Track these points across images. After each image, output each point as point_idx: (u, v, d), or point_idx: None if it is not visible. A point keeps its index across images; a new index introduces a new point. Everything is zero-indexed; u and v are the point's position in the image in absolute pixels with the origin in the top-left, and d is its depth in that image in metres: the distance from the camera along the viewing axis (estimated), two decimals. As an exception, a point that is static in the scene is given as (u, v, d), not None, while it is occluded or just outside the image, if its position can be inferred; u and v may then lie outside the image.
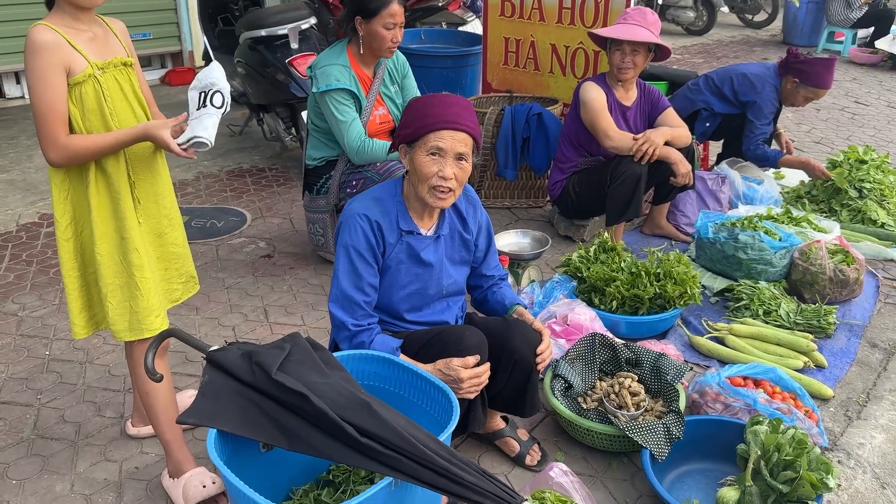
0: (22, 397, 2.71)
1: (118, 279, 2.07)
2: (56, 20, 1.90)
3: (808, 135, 5.92)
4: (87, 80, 1.92)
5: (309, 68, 3.29)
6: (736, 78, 4.21)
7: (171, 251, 2.22)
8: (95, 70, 1.93)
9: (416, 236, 2.15)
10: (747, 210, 3.76)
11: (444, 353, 1.99)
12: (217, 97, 1.95)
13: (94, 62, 1.92)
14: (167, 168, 2.20)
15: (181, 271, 2.27)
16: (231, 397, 1.74)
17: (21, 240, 3.93)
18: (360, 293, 2.10)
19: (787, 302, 3.20)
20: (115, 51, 2.02)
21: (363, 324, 2.11)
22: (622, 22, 3.54)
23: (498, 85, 4.82)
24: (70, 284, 2.10)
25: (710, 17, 9.85)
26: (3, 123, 5.72)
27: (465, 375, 1.97)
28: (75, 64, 1.89)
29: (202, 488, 2.19)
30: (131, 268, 2.06)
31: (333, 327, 2.16)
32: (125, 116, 2.02)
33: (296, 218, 4.23)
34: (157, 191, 2.13)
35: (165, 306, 2.20)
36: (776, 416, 2.31)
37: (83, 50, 1.91)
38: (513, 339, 2.16)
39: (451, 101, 2.05)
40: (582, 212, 3.88)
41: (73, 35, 1.91)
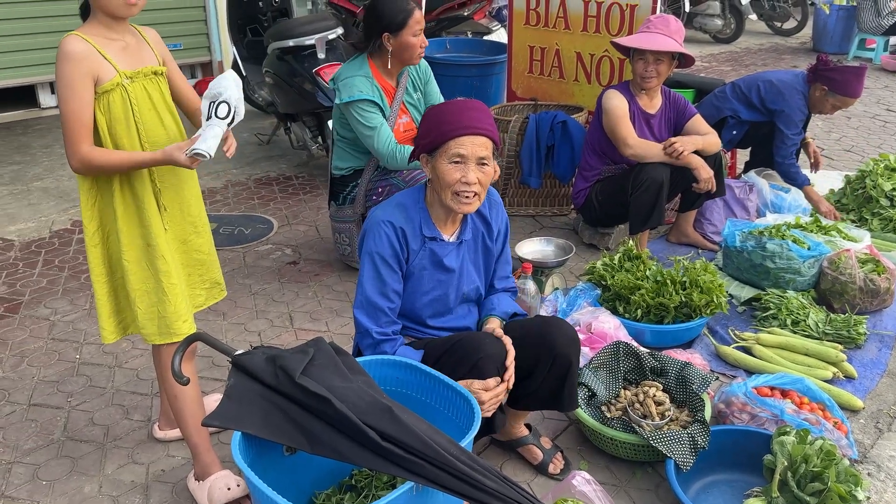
0: (53, 400, 2.77)
1: (145, 285, 2.10)
2: (89, 30, 1.96)
3: (838, 143, 5.84)
4: (114, 88, 1.95)
5: (331, 80, 3.33)
6: (763, 85, 4.17)
7: (195, 258, 2.25)
8: (123, 79, 1.96)
9: (439, 242, 2.16)
10: (775, 218, 3.71)
11: (463, 362, 1.99)
12: (222, 108, 1.94)
13: (122, 71, 1.96)
14: (195, 176, 2.23)
15: (205, 277, 2.30)
16: (256, 401, 1.76)
17: (54, 246, 4.01)
18: (384, 299, 2.11)
19: (816, 312, 3.15)
20: (147, 60, 2.06)
21: (387, 332, 2.13)
22: (645, 30, 3.53)
23: (523, 93, 4.83)
24: (99, 289, 2.14)
25: (738, 24, 9.77)
26: (38, 132, 5.86)
27: (486, 398, 1.97)
28: (103, 73, 1.93)
29: (227, 490, 2.21)
30: (158, 273, 2.09)
31: (358, 333, 2.17)
32: (152, 126, 2.05)
33: (321, 225, 4.26)
34: (182, 198, 2.17)
35: (190, 311, 2.23)
36: (804, 427, 2.28)
37: (113, 59, 1.95)
38: (551, 334, 2.15)
39: (467, 106, 2.07)
40: (605, 220, 3.87)
41: (104, 44, 1.95)
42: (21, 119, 6.17)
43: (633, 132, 3.54)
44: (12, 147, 5.51)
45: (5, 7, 5.79)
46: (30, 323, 3.28)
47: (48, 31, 5.99)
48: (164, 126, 2.09)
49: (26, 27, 5.92)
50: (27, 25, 5.92)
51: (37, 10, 5.92)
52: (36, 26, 5.95)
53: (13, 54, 5.93)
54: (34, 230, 4.19)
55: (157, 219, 2.08)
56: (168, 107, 2.12)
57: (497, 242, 2.31)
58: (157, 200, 2.08)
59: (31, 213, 4.39)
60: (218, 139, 1.93)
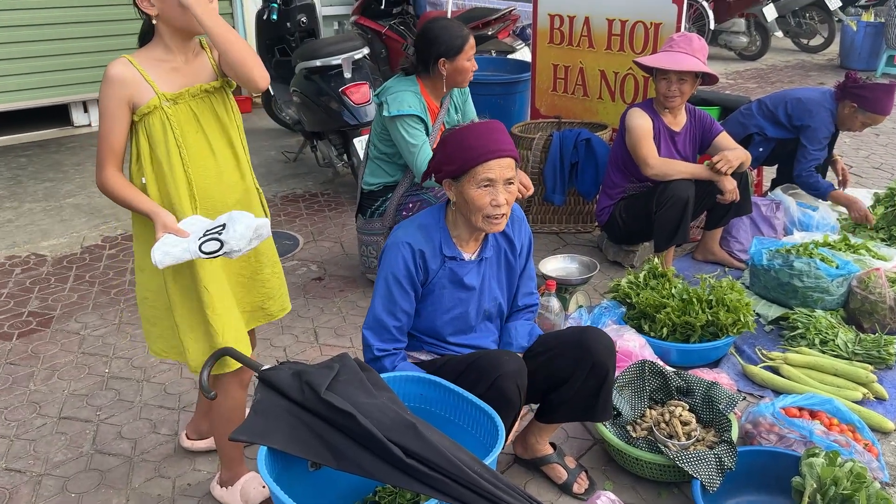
0: (82, 413, 2.81)
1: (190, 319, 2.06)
2: (142, 52, 1.95)
3: (866, 160, 5.77)
4: (152, 111, 1.93)
5: (377, 94, 3.37)
6: (790, 102, 4.14)
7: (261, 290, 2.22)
8: (163, 101, 1.92)
9: (458, 262, 2.17)
10: (803, 237, 3.68)
11: (482, 380, 1.99)
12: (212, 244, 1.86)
13: (163, 93, 1.92)
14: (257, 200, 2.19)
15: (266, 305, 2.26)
16: (282, 416, 1.78)
17: (84, 261, 4.09)
18: (391, 317, 2.13)
19: (845, 331, 3.11)
20: (202, 77, 2.00)
21: (388, 348, 2.15)
22: (668, 49, 3.53)
23: (546, 111, 4.84)
24: (144, 313, 2.15)
25: (764, 41, 9.72)
26: (72, 150, 5.99)
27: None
28: (141, 96, 1.91)
29: (262, 488, 2.25)
30: (203, 307, 2.03)
31: (363, 348, 2.19)
32: (197, 148, 1.99)
33: (346, 242, 4.30)
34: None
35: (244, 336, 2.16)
36: (833, 449, 2.24)
37: (155, 81, 1.92)
38: (590, 341, 2.15)
39: (488, 129, 2.07)
40: (630, 237, 3.85)
41: (151, 66, 1.92)
42: (55, 137, 6.32)
43: (654, 152, 3.53)
44: (46, 164, 5.64)
45: (40, 29, 5.95)
46: (61, 337, 3.34)
47: (81, 52, 6.14)
48: (212, 151, 2.02)
49: (60, 48, 6.08)
50: (61, 46, 6.08)
51: (70, 31, 6.08)
52: (69, 47, 6.11)
53: (48, 74, 6.08)
54: (66, 246, 4.28)
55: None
56: (223, 128, 2.04)
57: (520, 258, 2.31)
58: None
59: (64, 229, 4.48)
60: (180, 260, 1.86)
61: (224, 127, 2.05)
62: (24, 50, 5.93)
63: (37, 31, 5.95)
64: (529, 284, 2.38)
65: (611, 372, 2.16)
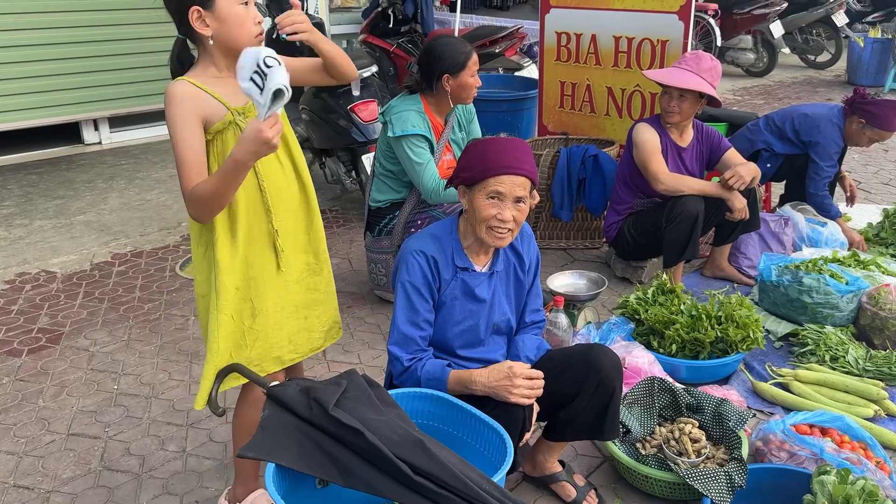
0: (91, 430, 2.81)
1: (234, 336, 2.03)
2: (197, 73, 1.92)
3: (875, 175, 5.76)
4: (227, 127, 1.90)
5: (381, 113, 3.39)
6: (797, 118, 4.15)
7: (311, 297, 2.19)
8: (236, 116, 1.90)
9: (470, 273, 2.17)
10: (812, 253, 3.67)
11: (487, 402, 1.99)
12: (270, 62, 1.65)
13: (233, 108, 1.90)
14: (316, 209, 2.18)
15: (323, 319, 2.24)
16: (289, 432, 1.78)
17: (94, 278, 4.11)
18: (415, 328, 2.13)
19: (856, 348, 3.09)
20: None
21: (417, 356, 2.13)
22: (676, 66, 3.55)
23: (554, 127, 4.86)
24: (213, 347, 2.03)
25: (771, 58, 9.74)
26: (82, 168, 6.04)
27: (517, 371, 1.97)
28: (212, 113, 1.87)
29: None
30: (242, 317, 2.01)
31: (390, 362, 2.19)
32: (267, 159, 1.93)
33: (354, 258, 4.31)
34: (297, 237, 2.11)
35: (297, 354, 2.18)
36: (845, 467, 2.22)
37: (222, 97, 1.89)
38: (597, 358, 2.14)
39: (511, 146, 2.09)
40: (638, 253, 3.85)
41: (212, 83, 1.89)
42: (66, 155, 6.37)
43: (664, 167, 3.54)
44: (56, 182, 5.68)
45: (50, 48, 6.02)
46: (70, 354, 3.35)
47: (92, 71, 6.20)
48: (279, 161, 2.01)
49: (71, 67, 6.14)
50: (71, 65, 6.14)
51: (81, 50, 6.15)
52: (80, 66, 6.18)
53: (59, 93, 6.15)
54: (76, 262, 4.30)
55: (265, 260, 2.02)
56: (286, 140, 2.04)
57: (528, 274, 2.32)
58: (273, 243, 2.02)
59: (74, 246, 4.51)
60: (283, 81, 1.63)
61: (285, 139, 2.05)
62: (34, 69, 6.00)
63: (47, 49, 6.02)
64: (536, 301, 2.38)
65: (617, 389, 2.15)
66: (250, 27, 1.90)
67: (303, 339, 2.19)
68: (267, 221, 2.02)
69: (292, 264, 2.11)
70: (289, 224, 2.08)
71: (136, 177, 5.80)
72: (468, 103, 3.40)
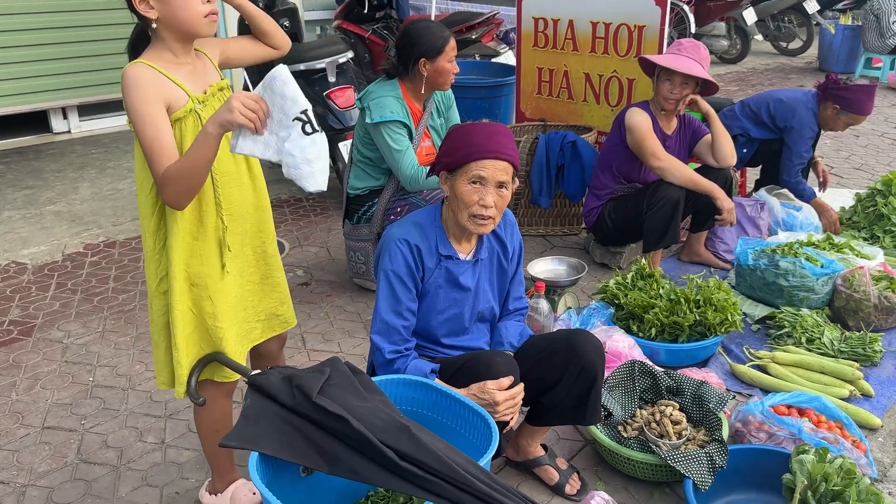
0: (66, 423, 2.76)
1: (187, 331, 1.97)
2: (153, 56, 1.83)
3: (846, 161, 5.84)
4: (187, 115, 1.84)
5: (359, 99, 3.35)
6: (772, 103, 4.19)
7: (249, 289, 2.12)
8: (196, 104, 1.85)
9: (454, 261, 2.16)
10: (787, 236, 3.70)
11: (474, 381, 1.99)
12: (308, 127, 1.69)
13: (194, 96, 1.85)
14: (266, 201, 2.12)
15: (258, 309, 2.16)
16: (272, 421, 1.76)
17: (66, 269, 4.03)
18: (398, 318, 2.11)
19: (831, 329, 3.13)
20: (211, 76, 1.95)
21: (400, 349, 2.12)
22: (676, 52, 3.55)
23: (531, 114, 4.85)
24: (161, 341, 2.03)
25: (744, 45, 9.82)
26: (51, 157, 5.91)
27: (500, 398, 1.96)
28: (175, 99, 1.81)
29: (252, 495, 2.22)
30: (204, 316, 1.96)
31: (371, 352, 2.18)
32: (222, 149, 1.83)
33: (332, 246, 4.28)
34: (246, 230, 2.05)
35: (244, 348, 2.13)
36: (822, 446, 2.25)
37: (184, 84, 1.83)
38: (579, 343, 2.14)
39: (493, 130, 2.07)
40: (618, 239, 3.86)
41: (172, 69, 1.83)
42: (34, 144, 6.23)
43: (660, 146, 3.55)
44: (25, 172, 5.56)
45: (18, 34, 5.87)
46: (43, 346, 3.28)
47: (60, 58, 6.06)
48: (232, 156, 1.93)
49: (38, 53, 6.00)
50: (39, 52, 6.00)
51: (49, 36, 6.00)
52: (49, 53, 6.03)
53: (26, 80, 6.00)
54: (47, 253, 4.22)
55: (214, 258, 1.95)
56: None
57: (511, 262, 2.31)
58: (221, 240, 1.95)
59: (44, 237, 4.42)
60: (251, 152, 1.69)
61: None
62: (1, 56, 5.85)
63: (14, 36, 5.87)
64: (519, 289, 2.37)
65: (599, 375, 2.15)
66: (197, 6, 1.79)
67: (242, 331, 2.12)
68: (217, 217, 1.94)
69: (238, 258, 2.04)
70: (237, 216, 2.00)
71: (107, 166, 5.69)
72: (445, 89, 3.37)
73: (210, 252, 1.95)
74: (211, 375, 2.07)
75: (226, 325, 2.00)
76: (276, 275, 2.20)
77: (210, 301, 1.96)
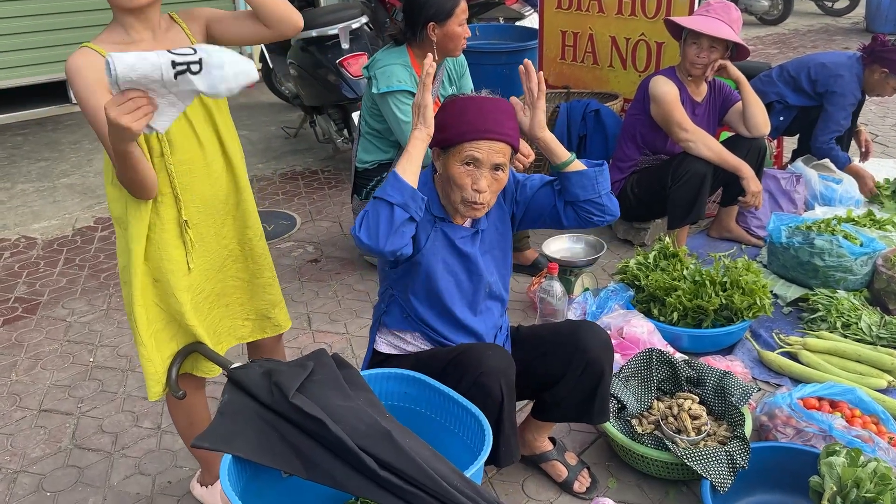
0: (63, 405, 2.70)
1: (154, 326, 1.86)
2: (104, 37, 1.70)
3: (893, 128, 5.50)
4: None
5: (366, 68, 3.17)
6: (813, 68, 3.91)
7: (231, 284, 1.99)
8: None
9: (449, 224, 1.97)
10: (824, 212, 3.47)
11: (465, 377, 1.82)
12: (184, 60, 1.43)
13: None
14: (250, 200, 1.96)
15: (247, 307, 2.05)
16: (250, 419, 1.64)
17: (76, 244, 3.97)
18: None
19: (869, 314, 2.91)
20: None
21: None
22: (704, 13, 3.29)
23: (554, 81, 4.62)
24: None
25: (787, 5, 9.35)
26: (69, 128, 5.86)
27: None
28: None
29: None
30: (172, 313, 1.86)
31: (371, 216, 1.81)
32: (181, 138, 1.75)
33: (345, 221, 4.14)
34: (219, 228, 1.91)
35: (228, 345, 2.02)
36: (855, 446, 2.06)
37: None
38: (584, 338, 1.98)
39: (491, 107, 1.88)
40: (642, 214, 3.66)
41: (119, 51, 1.63)
42: (52, 115, 6.19)
43: (687, 118, 3.32)
44: (42, 143, 5.52)
45: (35, 3, 5.79)
46: (47, 324, 3.22)
47: (78, 27, 5.98)
48: (197, 139, 1.78)
49: (56, 23, 5.93)
50: (58, 21, 5.93)
51: (66, 5, 5.92)
52: (66, 21, 5.96)
53: (45, 50, 5.94)
54: (57, 228, 4.16)
55: (176, 252, 1.81)
56: (208, 112, 1.81)
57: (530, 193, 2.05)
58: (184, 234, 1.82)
59: (56, 211, 4.37)
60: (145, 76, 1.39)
61: (209, 111, 1.81)
62: (20, 25, 5.78)
63: (33, 4, 5.79)
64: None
65: (607, 372, 1.98)
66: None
67: (225, 327, 2.00)
68: (176, 210, 1.79)
69: (213, 252, 1.90)
70: (208, 209, 1.86)
71: (124, 137, 5.62)
72: (457, 55, 3.16)
73: (169, 245, 1.80)
74: (190, 369, 1.96)
75: (196, 323, 1.87)
76: (265, 274, 2.05)
77: (175, 298, 1.82)
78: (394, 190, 1.76)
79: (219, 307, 1.97)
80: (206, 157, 1.81)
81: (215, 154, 1.84)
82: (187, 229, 1.81)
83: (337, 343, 3.01)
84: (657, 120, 3.40)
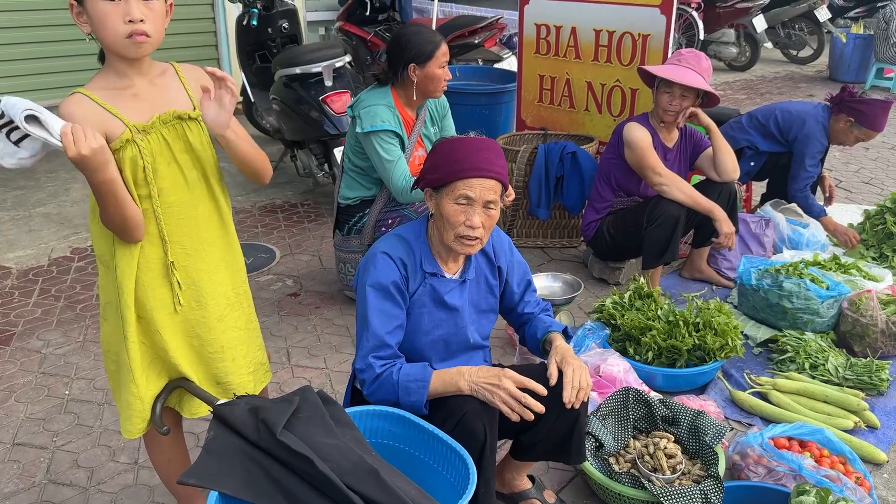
0: (38, 439, 2.67)
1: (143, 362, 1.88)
2: (97, 83, 1.74)
3: (856, 174, 5.70)
4: (125, 145, 1.71)
5: (350, 107, 3.24)
6: (781, 114, 4.07)
7: (236, 335, 1.99)
8: (135, 134, 1.71)
9: (439, 279, 2.04)
10: (792, 255, 3.58)
11: (449, 417, 1.84)
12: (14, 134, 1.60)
13: (133, 125, 1.71)
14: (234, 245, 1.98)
15: (248, 358, 2.03)
16: (235, 456, 1.65)
17: (52, 274, 3.93)
18: (390, 334, 1.95)
19: (836, 355, 3.01)
20: (174, 102, 1.79)
21: (390, 362, 1.96)
22: (675, 63, 3.42)
23: (532, 122, 4.74)
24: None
25: (754, 52, 9.67)
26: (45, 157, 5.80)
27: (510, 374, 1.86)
28: (110, 130, 1.68)
29: None
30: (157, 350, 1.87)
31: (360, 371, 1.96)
32: (170, 181, 1.78)
33: (324, 255, 4.17)
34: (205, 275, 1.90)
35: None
36: (824, 485, 2.13)
37: (121, 113, 1.71)
38: (561, 380, 2.00)
39: (481, 146, 1.95)
40: (617, 253, 3.75)
41: (112, 97, 1.71)
42: (29, 143, 6.15)
43: (660, 162, 3.43)
44: (17, 171, 5.46)
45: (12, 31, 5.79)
46: (21, 356, 3.19)
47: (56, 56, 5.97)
48: (186, 182, 1.80)
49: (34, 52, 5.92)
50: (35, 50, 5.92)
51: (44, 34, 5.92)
52: (43, 51, 5.95)
53: (23, 78, 5.92)
54: (33, 258, 4.12)
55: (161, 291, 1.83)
56: (197, 158, 1.83)
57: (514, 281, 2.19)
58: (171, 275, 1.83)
59: (31, 240, 4.33)
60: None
61: (198, 157, 1.83)
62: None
63: (9, 33, 5.79)
64: (535, 294, 2.27)
65: (582, 413, 2.02)
66: (116, 26, 1.64)
67: (234, 383, 1.99)
68: (162, 251, 1.81)
69: (211, 299, 1.91)
70: (198, 252, 1.87)
71: (101, 167, 5.59)
72: (437, 96, 3.24)
73: (155, 284, 1.82)
74: (175, 405, 1.96)
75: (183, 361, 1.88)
76: (254, 318, 2.08)
77: (160, 335, 1.84)
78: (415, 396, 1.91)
79: (224, 361, 1.95)
80: (193, 199, 1.84)
81: (202, 196, 1.87)
82: (174, 270, 1.82)
83: (316, 378, 3.02)
84: (631, 164, 3.50)
